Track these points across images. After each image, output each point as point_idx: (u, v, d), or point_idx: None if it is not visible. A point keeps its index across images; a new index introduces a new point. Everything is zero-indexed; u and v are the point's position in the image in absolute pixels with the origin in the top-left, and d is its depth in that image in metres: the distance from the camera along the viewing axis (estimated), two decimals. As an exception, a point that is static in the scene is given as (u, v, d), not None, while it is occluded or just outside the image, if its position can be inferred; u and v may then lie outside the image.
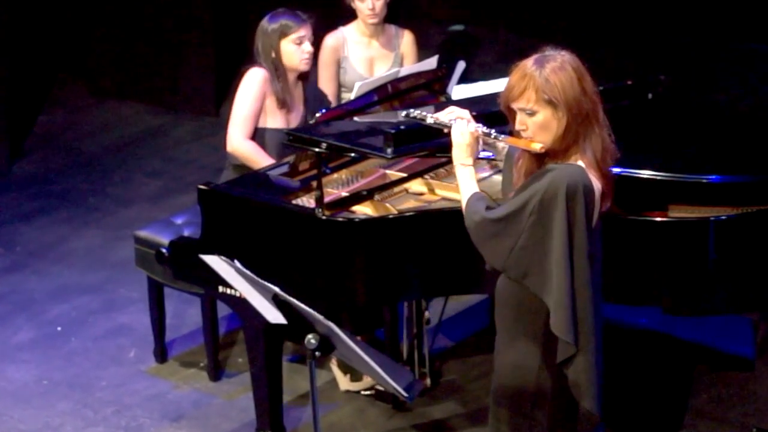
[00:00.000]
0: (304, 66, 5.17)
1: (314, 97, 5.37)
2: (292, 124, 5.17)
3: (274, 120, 5.17)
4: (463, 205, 3.72)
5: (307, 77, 5.30)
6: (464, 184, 3.74)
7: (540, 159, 3.66)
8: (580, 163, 3.58)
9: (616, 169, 4.16)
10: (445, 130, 3.83)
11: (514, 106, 3.59)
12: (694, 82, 5.06)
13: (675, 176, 4.29)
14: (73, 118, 8.27)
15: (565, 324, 3.55)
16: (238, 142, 5.11)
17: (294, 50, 5.12)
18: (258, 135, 5.14)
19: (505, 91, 3.61)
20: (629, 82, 4.92)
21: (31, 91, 8.36)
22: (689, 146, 4.61)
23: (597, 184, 3.60)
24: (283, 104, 5.13)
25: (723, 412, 5.02)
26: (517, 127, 3.62)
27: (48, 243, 6.60)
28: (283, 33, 5.11)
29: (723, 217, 4.22)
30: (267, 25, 5.16)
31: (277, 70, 5.12)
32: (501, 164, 3.96)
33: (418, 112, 3.97)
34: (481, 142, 3.80)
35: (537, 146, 3.60)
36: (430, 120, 3.90)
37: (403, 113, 4.04)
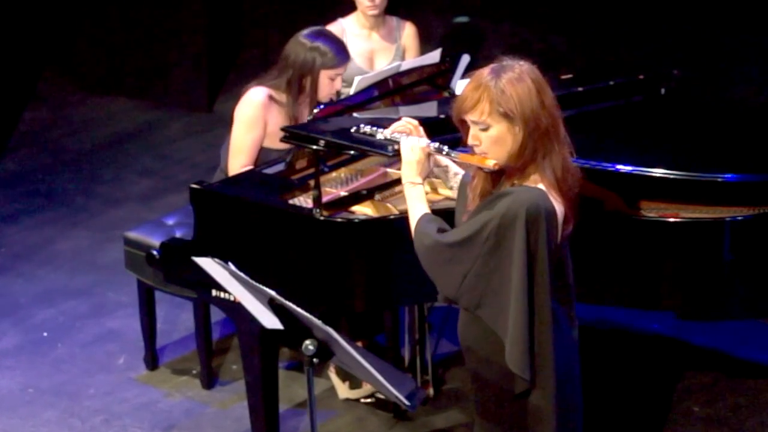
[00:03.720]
0: (325, 99, 5.01)
1: None
2: None
3: (276, 140, 4.98)
4: (412, 226, 3.61)
5: None
6: (413, 204, 3.63)
7: (496, 179, 3.52)
8: (540, 185, 3.44)
9: (626, 168, 4.08)
10: (396, 146, 3.73)
11: (467, 118, 3.45)
12: (709, 76, 5.06)
13: (689, 175, 4.24)
14: (60, 114, 8.36)
15: (521, 359, 3.40)
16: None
17: (326, 84, 4.95)
18: (262, 155, 4.98)
19: (458, 101, 3.46)
20: (641, 77, 4.91)
21: (16, 87, 8.43)
22: (703, 143, 4.59)
23: (559, 207, 3.45)
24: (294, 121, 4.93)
25: (739, 421, 4.99)
26: (470, 141, 3.48)
27: (34, 245, 6.59)
28: (325, 65, 4.91)
29: (739, 218, 4.19)
30: (309, 42, 4.91)
31: (291, 88, 4.90)
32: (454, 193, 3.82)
33: (369, 127, 3.91)
34: (432, 160, 3.69)
35: (490, 163, 3.46)
36: (380, 135, 3.84)
37: (353, 128, 3.99)
